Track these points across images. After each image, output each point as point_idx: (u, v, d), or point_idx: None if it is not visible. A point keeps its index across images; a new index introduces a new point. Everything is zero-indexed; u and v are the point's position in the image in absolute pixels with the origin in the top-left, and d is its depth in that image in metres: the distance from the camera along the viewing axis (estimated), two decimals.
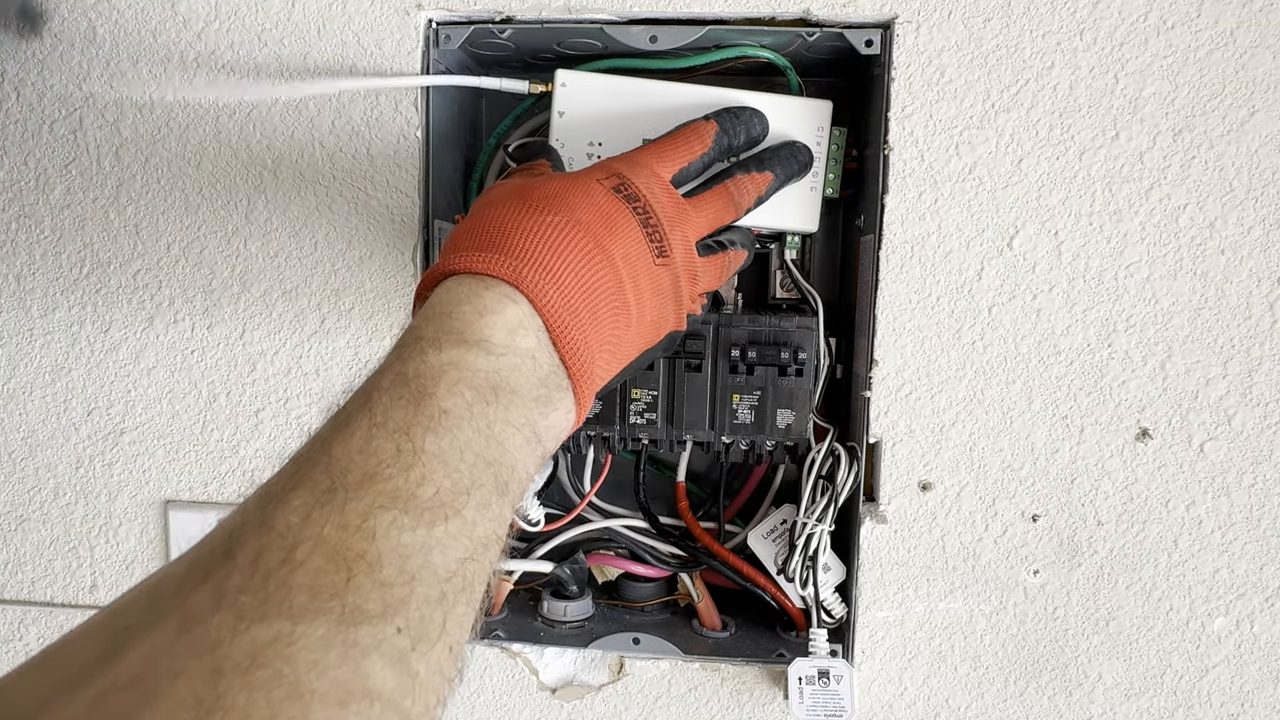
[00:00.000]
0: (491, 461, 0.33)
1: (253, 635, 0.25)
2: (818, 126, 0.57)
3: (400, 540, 0.28)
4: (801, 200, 0.58)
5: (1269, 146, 0.56)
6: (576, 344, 0.39)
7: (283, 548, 0.27)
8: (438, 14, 0.59)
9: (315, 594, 0.26)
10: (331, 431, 0.32)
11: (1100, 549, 0.60)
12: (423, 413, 0.32)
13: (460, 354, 0.35)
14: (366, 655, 0.26)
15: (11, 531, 0.69)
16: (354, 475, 0.29)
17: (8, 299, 0.66)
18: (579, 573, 0.66)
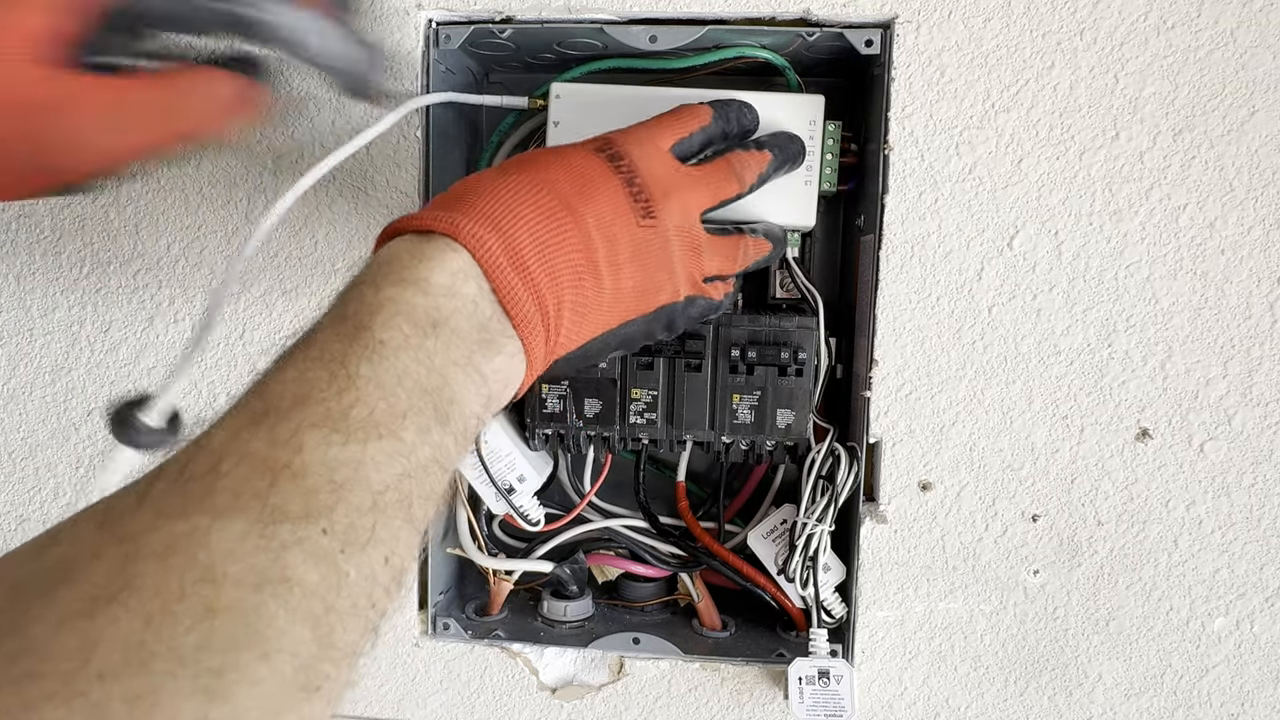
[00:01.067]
0: (430, 390, 0.33)
1: (171, 527, 0.26)
2: (810, 120, 0.57)
3: (328, 454, 0.29)
4: (797, 195, 0.58)
5: (1269, 146, 0.56)
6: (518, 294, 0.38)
7: (210, 460, 0.28)
8: (438, 14, 0.59)
9: (237, 495, 0.27)
10: (269, 367, 0.33)
11: (1100, 549, 0.60)
12: (358, 343, 0.33)
13: (398, 291, 0.35)
14: (286, 549, 0.26)
15: (12, 531, 0.69)
16: (286, 400, 0.30)
17: (8, 299, 0.66)
18: (579, 573, 0.66)
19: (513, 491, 0.63)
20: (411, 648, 0.66)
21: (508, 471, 0.63)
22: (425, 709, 0.67)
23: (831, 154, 0.59)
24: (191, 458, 0.28)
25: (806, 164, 0.57)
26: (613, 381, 0.60)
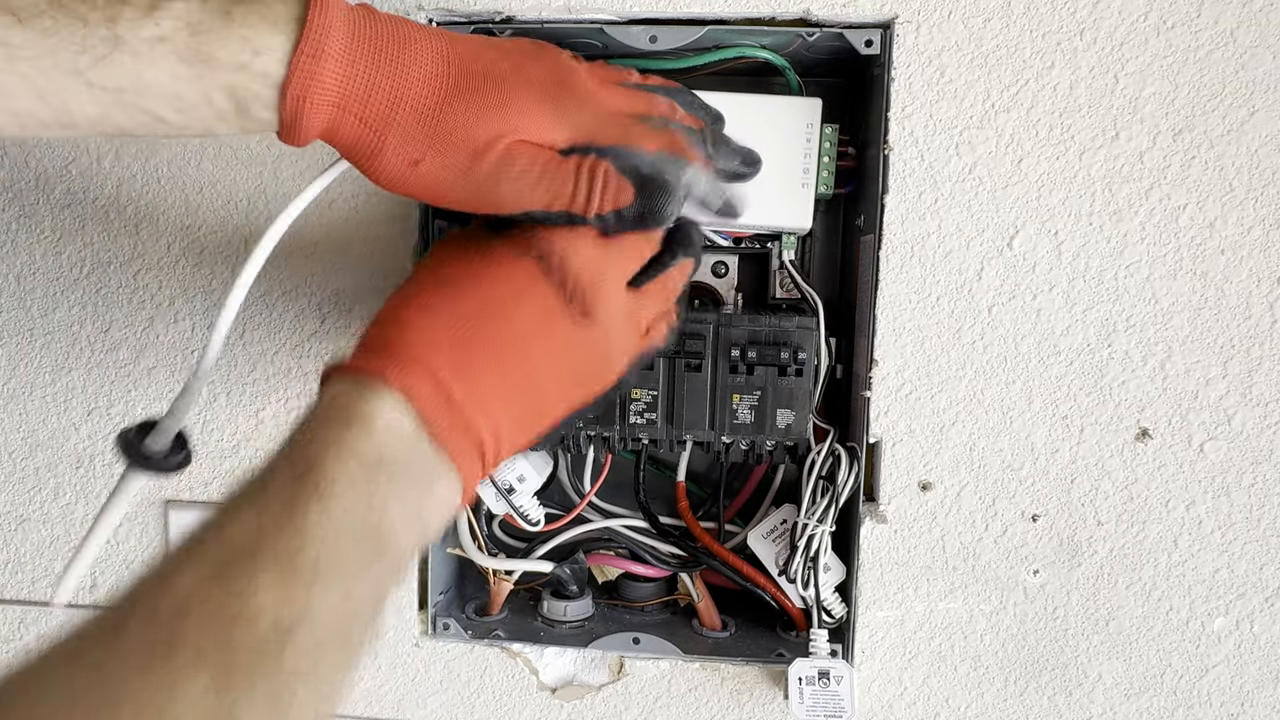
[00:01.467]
0: (372, 527, 0.35)
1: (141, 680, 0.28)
2: (807, 123, 0.57)
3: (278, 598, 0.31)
4: (793, 198, 0.58)
5: (1269, 146, 0.56)
6: (450, 433, 0.39)
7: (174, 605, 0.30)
8: (438, 14, 0.59)
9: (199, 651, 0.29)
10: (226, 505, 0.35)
11: (1100, 549, 0.60)
12: (308, 483, 0.35)
13: (343, 432, 0.37)
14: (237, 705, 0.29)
15: (12, 531, 0.69)
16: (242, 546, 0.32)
17: (8, 299, 0.66)
18: (579, 573, 0.66)
19: (513, 491, 0.64)
20: (411, 648, 0.66)
21: (508, 471, 0.63)
22: (425, 709, 0.67)
23: (829, 157, 0.59)
24: (158, 602, 0.31)
25: (803, 167, 0.58)
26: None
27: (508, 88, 0.42)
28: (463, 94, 0.41)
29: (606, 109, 0.44)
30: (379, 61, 0.40)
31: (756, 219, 0.58)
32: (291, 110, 0.39)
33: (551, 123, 0.43)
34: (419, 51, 0.41)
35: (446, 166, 0.42)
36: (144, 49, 0.36)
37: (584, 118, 0.43)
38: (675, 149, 0.45)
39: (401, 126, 0.41)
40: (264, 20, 0.38)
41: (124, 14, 0.36)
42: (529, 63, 0.43)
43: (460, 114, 0.41)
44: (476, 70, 0.42)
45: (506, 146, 0.42)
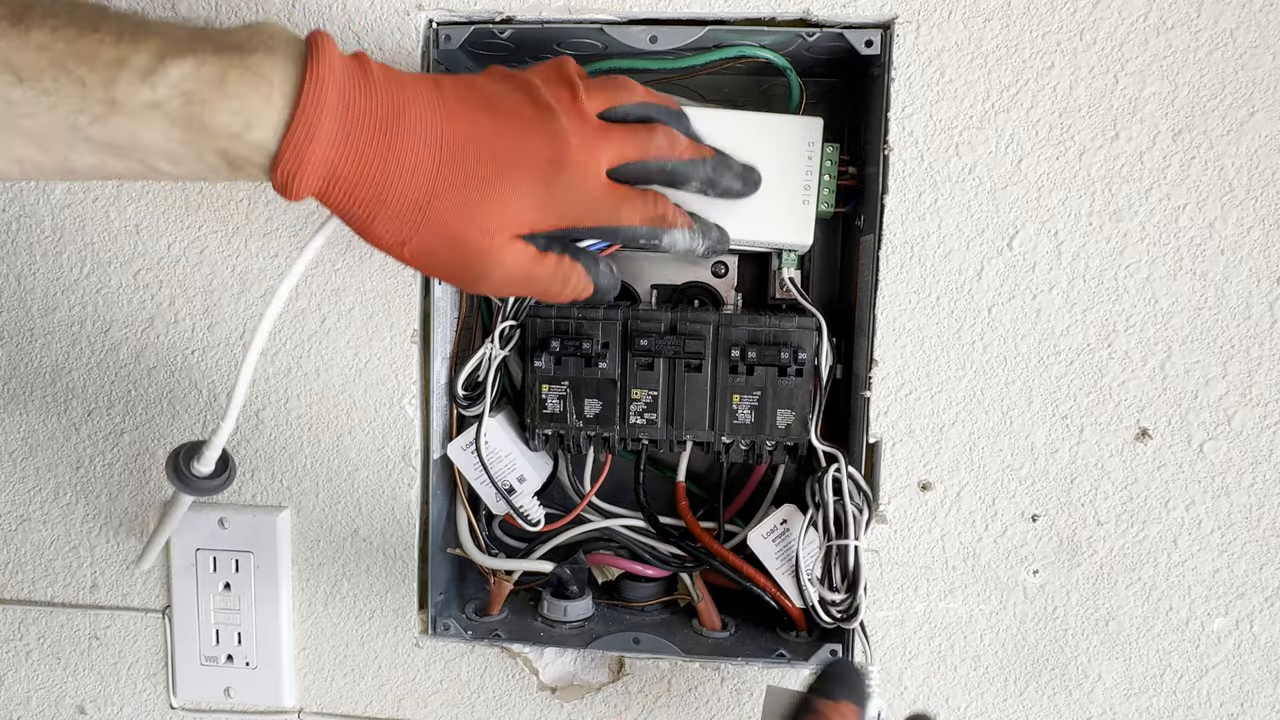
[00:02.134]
0: None
1: None
2: (808, 142, 0.58)
3: None
4: (794, 214, 0.58)
5: (1269, 146, 0.56)
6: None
7: None
8: (438, 14, 0.59)
9: None
10: None
11: (1100, 549, 0.60)
12: None
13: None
14: None
15: (12, 531, 0.69)
16: None
17: (8, 299, 0.66)
18: (579, 573, 0.66)
19: (513, 492, 0.64)
20: (411, 648, 0.66)
21: (508, 472, 0.63)
22: (425, 709, 0.67)
23: (830, 175, 0.59)
24: None
25: (804, 184, 0.58)
26: (613, 382, 0.60)
27: (499, 179, 0.43)
28: (451, 188, 0.42)
29: (594, 185, 0.46)
30: (373, 143, 0.41)
31: (757, 235, 0.58)
32: (282, 181, 0.40)
33: (540, 213, 0.45)
34: (411, 132, 0.42)
35: (432, 253, 0.44)
36: (140, 112, 0.38)
37: (574, 201, 0.45)
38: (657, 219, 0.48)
39: (390, 210, 0.42)
40: (257, 93, 0.39)
41: (121, 78, 0.37)
42: (527, 141, 0.44)
43: (447, 207, 0.42)
44: (469, 157, 0.43)
45: (492, 245, 0.44)
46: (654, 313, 0.60)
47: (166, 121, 0.38)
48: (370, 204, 0.42)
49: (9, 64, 0.36)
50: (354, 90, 0.40)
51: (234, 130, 0.39)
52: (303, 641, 0.67)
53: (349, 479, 0.65)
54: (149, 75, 0.37)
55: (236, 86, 0.38)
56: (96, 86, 0.37)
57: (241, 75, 0.38)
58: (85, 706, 0.70)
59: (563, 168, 0.44)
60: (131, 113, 0.37)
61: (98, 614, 0.69)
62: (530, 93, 0.45)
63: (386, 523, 0.65)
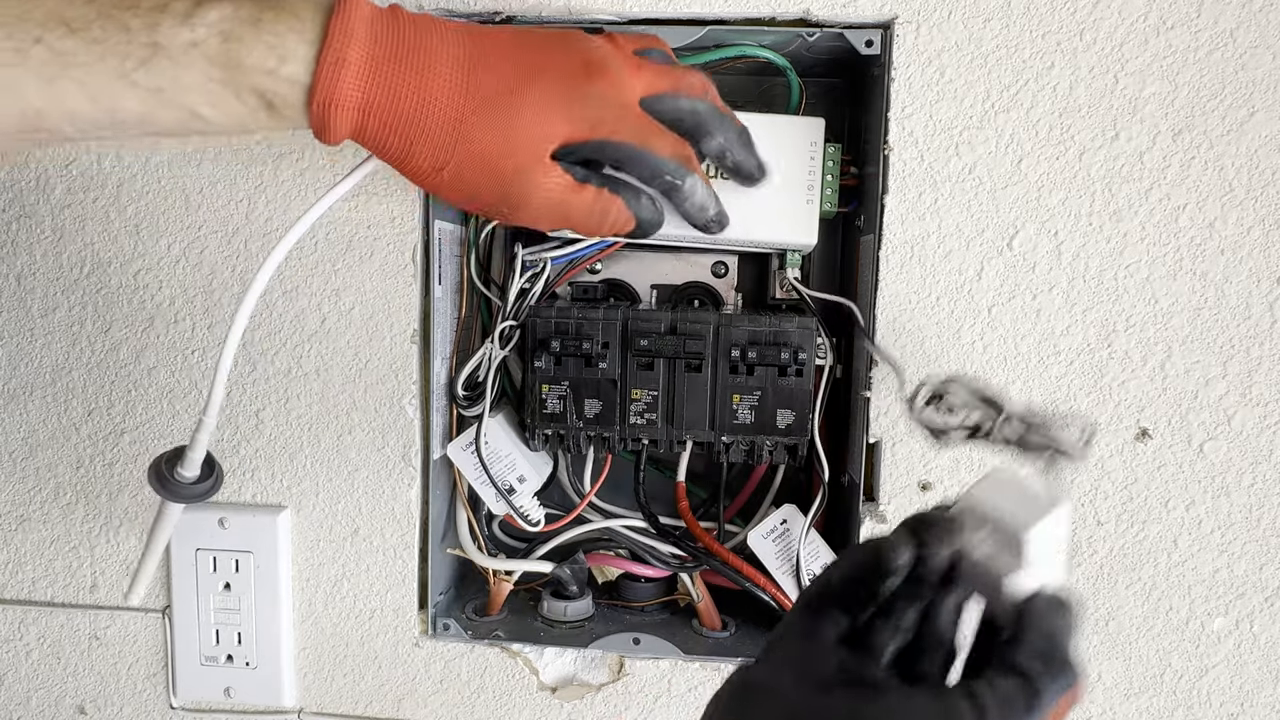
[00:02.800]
0: None
1: None
2: (810, 142, 0.58)
3: None
4: (798, 215, 0.58)
5: (1269, 146, 0.56)
6: None
7: None
8: (437, 13, 0.59)
9: None
10: None
11: (1100, 549, 0.60)
12: None
13: None
14: None
15: (12, 531, 0.69)
16: None
17: (8, 299, 0.66)
18: (579, 573, 0.66)
19: (513, 492, 0.64)
20: (411, 648, 0.66)
21: (508, 472, 0.63)
22: (425, 709, 0.67)
23: (832, 175, 0.59)
24: None
25: (807, 185, 0.58)
26: (613, 382, 0.60)
27: (528, 87, 0.44)
28: (483, 102, 0.43)
29: (627, 103, 0.46)
30: (402, 68, 0.42)
31: (761, 236, 0.58)
32: (318, 114, 0.42)
33: (571, 123, 0.45)
34: (442, 56, 0.43)
35: (470, 177, 0.44)
36: (180, 53, 0.40)
37: (604, 113, 0.45)
38: (683, 158, 0.48)
39: (427, 133, 0.43)
40: (290, 29, 0.41)
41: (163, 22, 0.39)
42: (554, 57, 0.45)
43: (481, 125, 0.43)
44: (499, 69, 0.44)
45: (526, 163, 0.44)
46: (654, 313, 0.60)
47: (205, 61, 0.40)
48: (406, 130, 0.43)
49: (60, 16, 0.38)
50: (381, 23, 0.42)
51: (269, 66, 0.40)
52: (303, 641, 0.67)
53: (349, 479, 0.65)
54: (188, 18, 0.39)
55: (271, 24, 0.40)
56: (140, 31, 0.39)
57: (276, 15, 0.40)
58: (85, 706, 0.70)
59: (594, 77, 0.45)
60: (173, 55, 0.39)
61: (98, 614, 0.69)
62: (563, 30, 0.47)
63: (386, 523, 0.65)
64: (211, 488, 0.55)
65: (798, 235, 0.59)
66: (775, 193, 0.57)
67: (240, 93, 0.41)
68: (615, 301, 0.66)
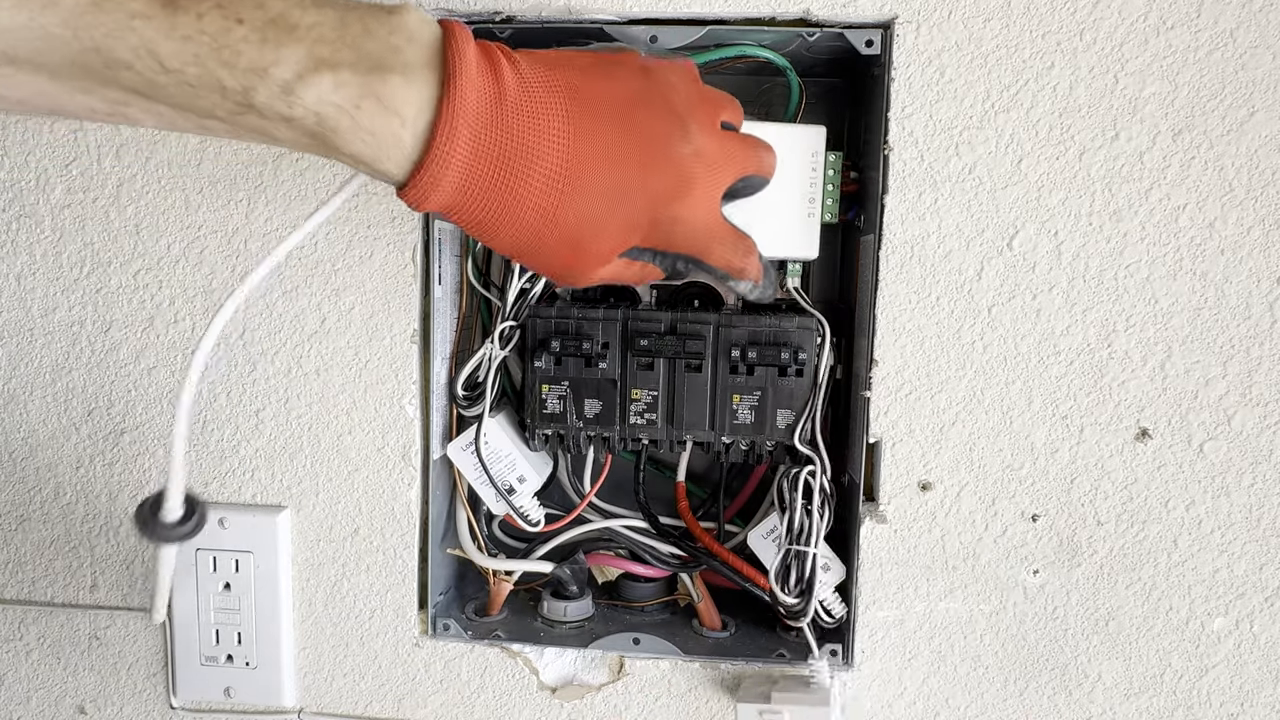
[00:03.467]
0: None
1: None
2: (812, 153, 0.57)
3: None
4: (799, 228, 0.58)
5: (1269, 146, 0.56)
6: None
7: None
8: (437, 13, 0.59)
9: None
10: None
11: (1100, 549, 0.60)
12: None
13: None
14: None
15: (12, 531, 0.69)
16: None
17: (8, 299, 0.66)
18: (579, 573, 0.66)
19: (513, 492, 0.64)
20: (411, 648, 0.66)
21: (508, 472, 0.63)
22: (425, 709, 0.67)
23: (833, 184, 0.58)
24: None
25: (809, 196, 0.58)
26: (613, 382, 0.60)
27: (610, 221, 0.44)
28: (565, 225, 0.43)
29: (704, 222, 0.47)
30: (493, 186, 0.41)
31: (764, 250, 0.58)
32: (405, 199, 0.41)
33: (645, 238, 0.46)
34: (537, 172, 0.42)
35: (540, 264, 0.46)
36: (274, 119, 0.38)
37: (679, 231, 0.46)
38: (736, 271, 0.50)
39: (503, 237, 0.43)
40: (389, 129, 0.39)
41: (259, 88, 0.37)
42: (650, 173, 0.44)
43: (557, 240, 0.44)
44: (591, 192, 0.43)
45: (592, 267, 0.46)
46: (654, 313, 0.60)
47: (299, 132, 0.39)
48: (486, 229, 0.43)
49: (154, 51, 0.36)
50: (485, 126, 0.40)
51: (364, 159, 0.40)
52: (303, 641, 0.67)
53: (349, 479, 0.65)
54: (287, 93, 0.37)
55: (370, 119, 0.38)
56: (235, 91, 0.37)
57: (375, 108, 0.38)
58: (85, 706, 0.70)
59: (682, 197, 0.45)
60: (268, 117, 0.38)
61: (98, 614, 0.69)
62: (666, 98, 0.45)
63: (386, 523, 0.65)
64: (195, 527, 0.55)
65: (799, 248, 0.58)
66: (777, 206, 0.57)
67: (331, 161, 0.42)
68: (615, 301, 0.66)
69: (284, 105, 0.38)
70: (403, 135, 0.39)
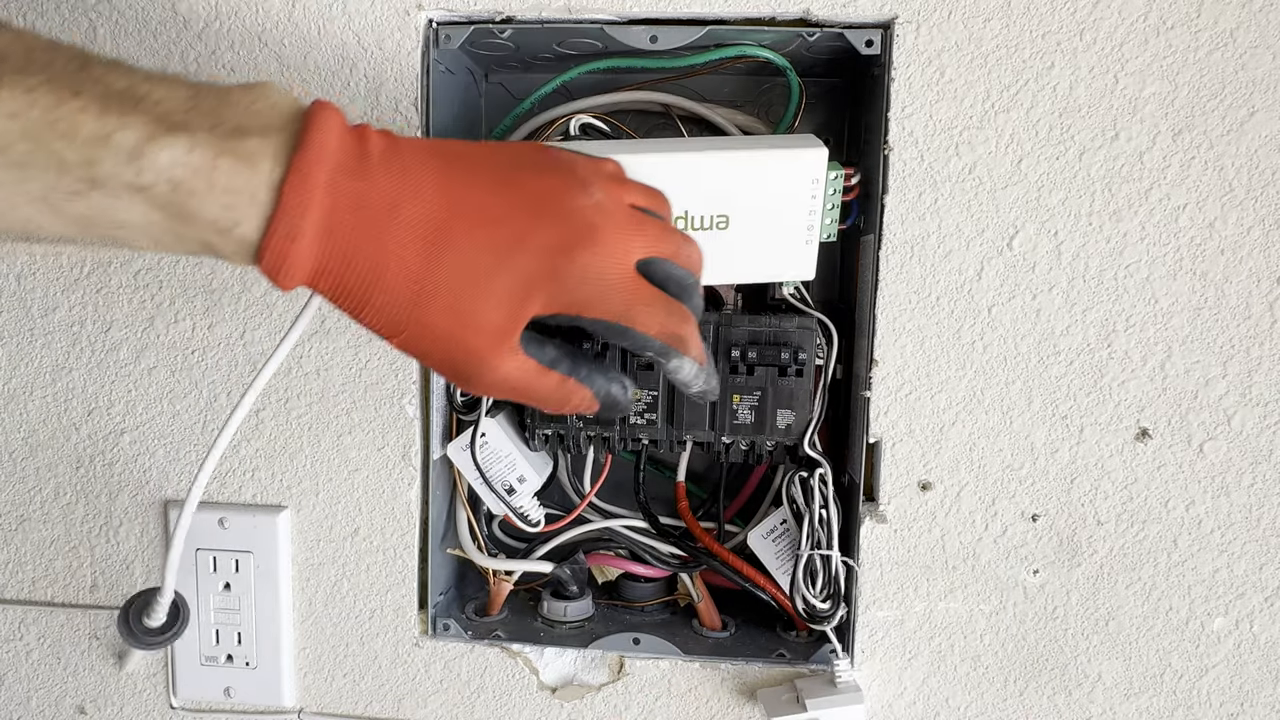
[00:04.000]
0: None
1: None
2: (812, 180, 0.54)
3: None
4: (797, 251, 0.56)
5: (1269, 146, 0.56)
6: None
7: None
8: (438, 14, 0.59)
9: None
10: None
11: (1100, 549, 0.60)
12: None
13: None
14: None
15: (12, 531, 0.69)
16: None
17: (8, 299, 0.66)
18: (579, 573, 0.66)
19: (513, 492, 0.64)
20: (411, 648, 0.66)
21: (508, 472, 0.63)
22: (425, 709, 0.67)
23: (833, 204, 0.57)
24: None
25: (807, 224, 0.55)
26: None
27: (500, 274, 0.39)
28: (442, 289, 0.39)
29: (616, 275, 0.41)
30: (361, 233, 0.38)
31: (759, 273, 0.57)
32: (266, 272, 0.38)
33: (548, 303, 0.41)
34: (404, 226, 0.38)
35: (424, 350, 0.41)
36: (121, 193, 0.35)
37: (588, 291, 0.41)
38: (675, 339, 0.44)
39: (378, 306, 0.39)
40: (247, 185, 0.36)
41: (104, 158, 0.34)
42: (541, 223, 0.40)
43: (437, 310, 0.39)
44: (466, 249, 0.39)
45: (485, 353, 0.40)
46: None
47: (149, 205, 0.35)
48: (357, 299, 0.39)
49: None
50: (346, 177, 0.37)
51: (222, 225, 0.36)
52: (303, 641, 0.67)
53: (349, 479, 0.65)
54: (135, 159, 0.34)
55: (228, 178, 0.35)
56: (76, 165, 0.34)
57: (233, 165, 0.35)
58: (85, 706, 0.70)
59: (580, 249, 0.40)
60: (113, 193, 0.35)
61: (98, 614, 0.69)
62: (568, 166, 0.42)
63: (386, 523, 0.65)
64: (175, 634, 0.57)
65: (796, 271, 0.57)
66: (774, 233, 0.55)
67: (184, 239, 0.37)
68: None
69: (132, 173, 0.34)
70: (258, 189, 0.36)
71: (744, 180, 0.54)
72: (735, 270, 0.57)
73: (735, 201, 0.54)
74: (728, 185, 0.53)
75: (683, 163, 0.53)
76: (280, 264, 0.37)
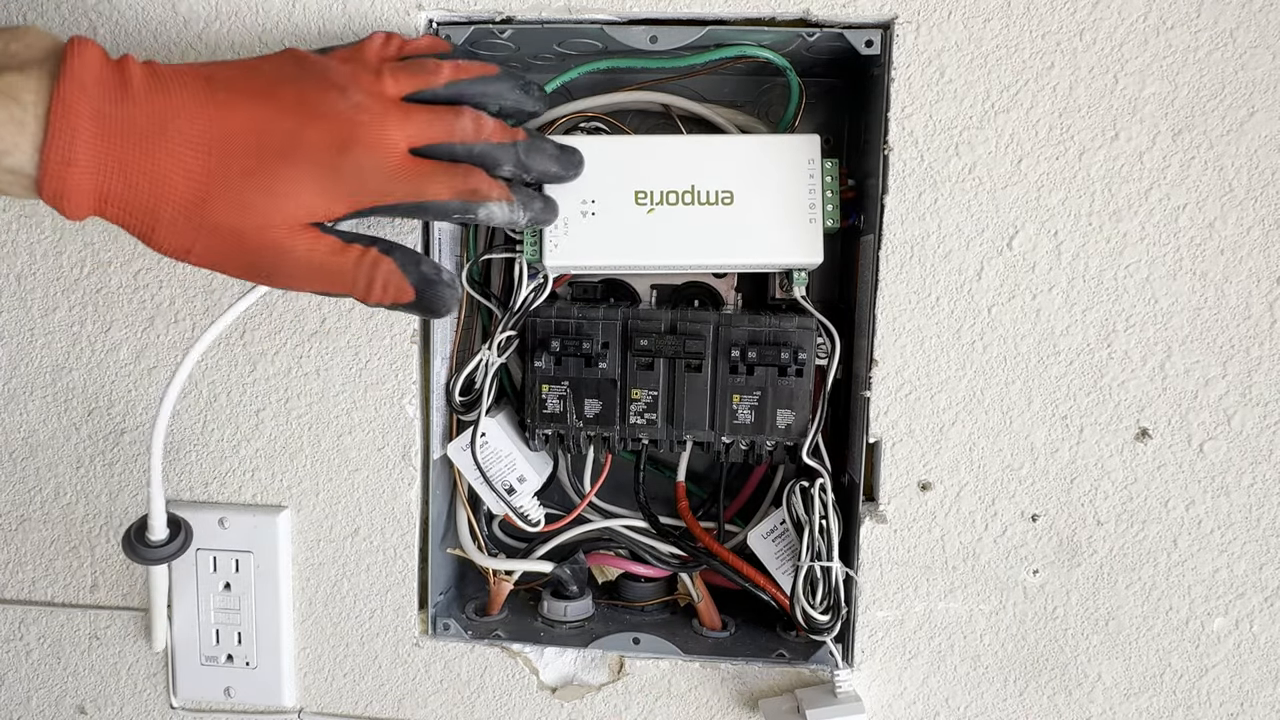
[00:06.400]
0: None
1: None
2: (808, 160, 0.58)
3: None
4: (802, 235, 0.58)
5: (1269, 146, 0.56)
6: None
7: None
8: (438, 14, 0.59)
9: None
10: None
11: (1100, 549, 0.60)
12: None
13: None
14: None
15: (12, 531, 0.69)
16: None
17: (8, 299, 0.66)
18: (579, 573, 0.66)
19: (513, 492, 0.64)
20: (411, 648, 0.66)
21: (508, 472, 0.63)
22: (425, 709, 0.67)
23: (831, 190, 0.58)
24: None
25: (809, 203, 0.58)
26: (613, 382, 0.60)
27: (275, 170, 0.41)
28: (226, 186, 0.41)
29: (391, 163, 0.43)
30: (134, 155, 0.39)
31: (766, 259, 0.58)
32: (52, 202, 0.39)
33: (329, 199, 0.42)
34: (178, 137, 0.40)
35: (219, 254, 0.42)
36: None
37: (367, 181, 0.43)
38: (469, 193, 0.46)
39: (167, 219, 0.41)
40: (11, 117, 0.38)
41: None
42: (307, 125, 0.42)
43: (224, 207, 0.41)
44: (241, 152, 0.41)
45: (277, 237, 0.42)
46: (654, 313, 0.60)
47: None
48: (145, 217, 0.41)
49: None
50: (110, 104, 0.39)
51: None
52: (303, 641, 0.67)
53: (349, 479, 0.65)
54: None
55: None
56: None
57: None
58: (85, 706, 0.70)
59: (350, 148, 0.43)
60: None
61: (98, 614, 0.69)
62: (322, 75, 0.44)
63: (386, 523, 0.65)
64: (182, 546, 0.57)
65: (803, 255, 0.58)
66: (777, 214, 0.57)
67: None
68: (615, 301, 0.66)
69: None
70: (25, 119, 0.38)
71: (744, 159, 0.58)
72: (744, 251, 0.58)
73: (738, 179, 0.57)
74: (729, 165, 0.57)
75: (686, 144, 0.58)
76: (61, 190, 0.39)
